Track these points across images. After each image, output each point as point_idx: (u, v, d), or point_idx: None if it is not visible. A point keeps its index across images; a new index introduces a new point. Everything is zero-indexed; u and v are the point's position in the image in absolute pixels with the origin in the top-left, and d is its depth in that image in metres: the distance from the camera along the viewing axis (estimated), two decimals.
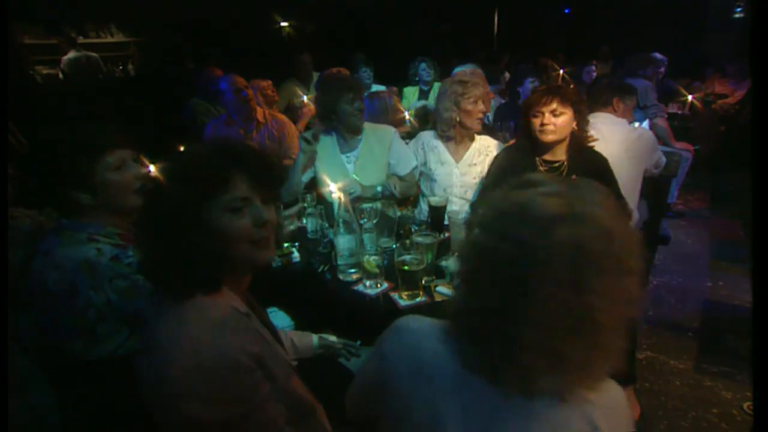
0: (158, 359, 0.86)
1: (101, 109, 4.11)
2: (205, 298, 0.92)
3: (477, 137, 2.43)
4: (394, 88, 4.37)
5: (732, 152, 4.34)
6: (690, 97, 4.38)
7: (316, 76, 4.35)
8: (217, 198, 0.93)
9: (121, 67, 6.55)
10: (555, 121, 2.01)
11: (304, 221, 2.16)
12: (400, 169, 2.45)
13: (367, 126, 2.47)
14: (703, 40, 6.80)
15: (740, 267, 3.47)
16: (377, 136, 2.47)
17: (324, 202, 2.27)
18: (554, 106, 2.00)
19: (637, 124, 3.04)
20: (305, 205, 2.21)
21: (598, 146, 2.53)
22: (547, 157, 2.13)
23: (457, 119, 2.31)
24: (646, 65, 4.26)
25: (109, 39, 6.70)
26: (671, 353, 2.64)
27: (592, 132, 2.54)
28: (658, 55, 4.77)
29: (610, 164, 2.36)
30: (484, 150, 2.41)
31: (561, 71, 4.89)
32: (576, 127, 2.08)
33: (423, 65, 4.45)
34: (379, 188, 2.36)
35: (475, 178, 2.38)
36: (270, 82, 3.77)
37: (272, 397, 0.95)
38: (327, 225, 2.11)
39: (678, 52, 5.00)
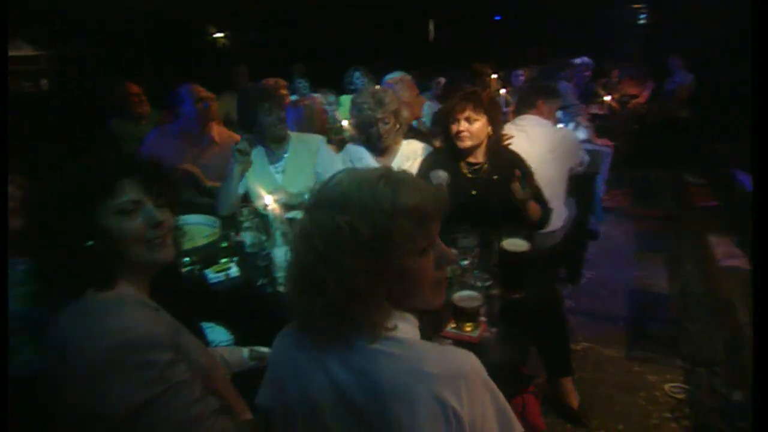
0: (68, 351, 0.93)
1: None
2: (105, 291, 1.00)
3: (403, 142, 2.45)
4: (316, 96, 4.32)
5: (647, 149, 4.68)
6: (608, 98, 4.66)
7: None
8: (105, 202, 1.01)
9: (31, 83, 5.99)
10: (470, 128, 2.09)
11: (242, 235, 2.11)
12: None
13: (294, 135, 2.45)
14: (614, 45, 7.41)
15: (660, 256, 3.69)
16: (304, 145, 2.45)
17: (261, 215, 2.22)
18: (468, 113, 2.08)
19: (561, 125, 3.20)
20: (242, 218, 2.16)
21: (525, 146, 2.62)
22: (469, 159, 2.20)
23: (376, 132, 2.33)
24: (565, 68, 4.49)
25: (17, 52, 6.14)
26: (604, 342, 2.76)
27: (518, 133, 2.68)
28: (579, 60, 5.06)
29: (537, 163, 2.46)
30: (412, 154, 2.43)
31: (494, 76, 5.05)
32: (491, 131, 2.16)
33: (357, 74, 4.45)
34: (306, 196, 2.33)
35: None
36: (213, 95, 3.60)
37: (195, 384, 1.00)
38: (265, 238, 2.07)
39: (594, 56, 5.33)
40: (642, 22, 7.54)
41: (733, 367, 2.23)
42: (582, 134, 3.84)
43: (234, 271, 1.98)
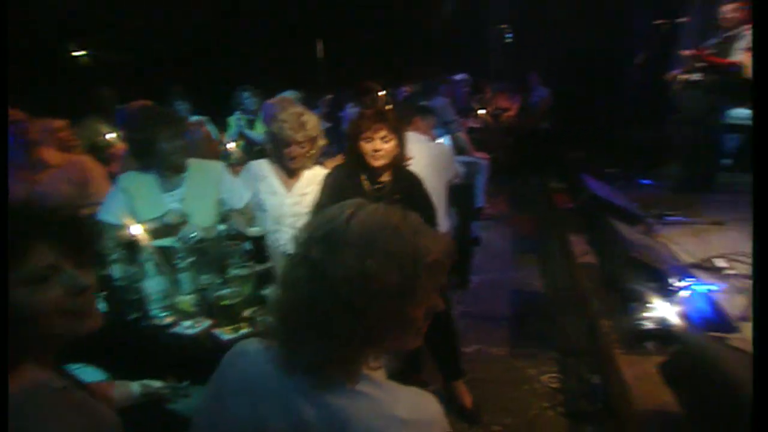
0: None
1: None
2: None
3: (311, 166, 2.43)
4: (202, 120, 4.15)
5: (520, 159, 5.15)
6: (482, 112, 5.03)
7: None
8: (12, 272, 0.82)
9: None
10: (385, 147, 2.12)
11: (110, 268, 1.93)
12: (236, 202, 2.32)
13: (193, 162, 2.30)
14: (490, 60, 8.05)
15: (535, 257, 4.03)
16: (204, 171, 2.31)
17: (128, 246, 2.05)
18: (384, 132, 2.12)
19: (438, 140, 3.40)
20: (108, 251, 1.97)
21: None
22: (374, 178, 2.23)
23: (290, 153, 2.28)
24: (443, 84, 4.79)
25: None
26: (492, 342, 2.93)
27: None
28: (458, 76, 5.43)
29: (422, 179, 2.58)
30: (314, 179, 2.40)
31: (383, 93, 5.21)
32: (397, 150, 2.21)
33: (246, 94, 4.33)
34: (221, 227, 2.22)
35: (307, 208, 2.36)
36: (65, 122, 3.23)
37: None
38: (135, 269, 1.92)
39: (468, 71, 5.77)
40: (508, 41, 8.25)
41: (592, 353, 2.50)
42: (461, 146, 4.12)
43: (102, 306, 1.81)
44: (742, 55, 3.71)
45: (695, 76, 4.03)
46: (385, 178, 2.25)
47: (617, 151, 5.17)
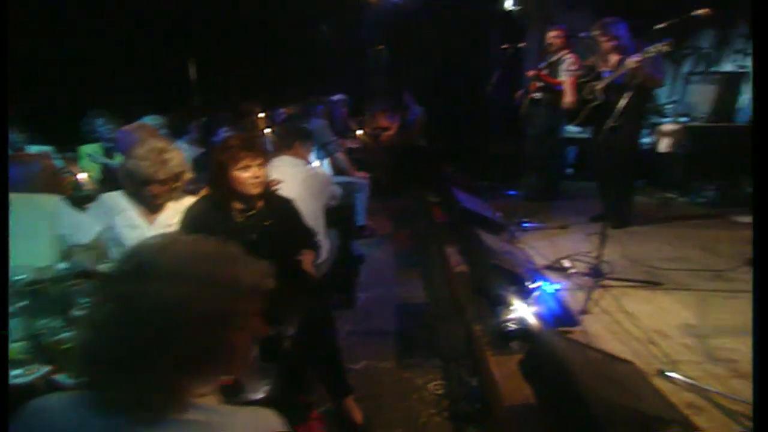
0: None
1: None
2: None
3: (177, 197, 2.30)
4: (46, 152, 3.72)
5: (401, 176, 5.39)
6: (360, 132, 5.19)
7: None
8: None
9: None
10: (262, 173, 2.12)
11: None
12: (81, 237, 2.10)
13: (16, 198, 2.04)
14: (366, 81, 8.34)
15: (418, 271, 4.20)
16: (33, 207, 2.07)
17: None
18: (261, 159, 2.12)
19: (316, 163, 3.44)
20: None
21: (283, 187, 2.75)
22: (244, 206, 2.18)
23: (150, 192, 2.15)
24: (320, 105, 4.86)
25: None
26: (380, 357, 2.99)
27: (275, 174, 2.78)
28: (335, 97, 5.55)
29: (295, 203, 2.58)
30: (178, 211, 2.26)
31: (261, 115, 5.12)
32: (268, 175, 2.22)
33: (100, 120, 3.97)
34: (62, 265, 1.98)
35: None
36: None
37: None
38: None
39: (349, 91, 5.92)
40: (385, 62, 8.62)
41: (470, 357, 2.69)
42: (340, 167, 4.20)
43: None
44: (563, 77, 4.33)
45: (537, 95, 4.60)
46: (256, 205, 2.22)
47: (483, 164, 5.68)
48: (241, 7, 7.73)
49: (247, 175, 2.10)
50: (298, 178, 2.85)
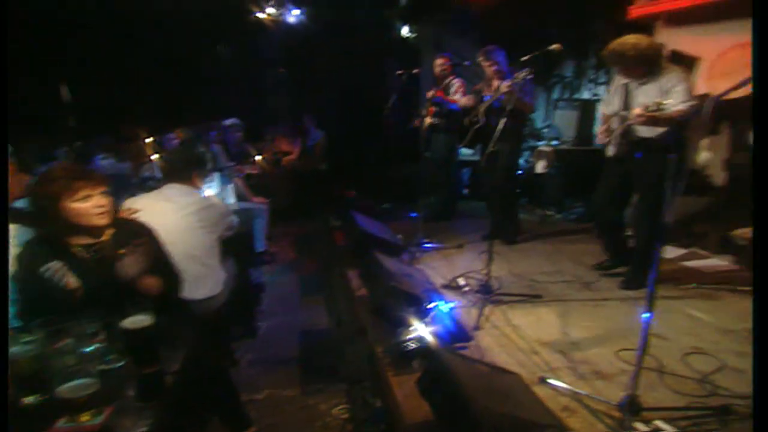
0: None
1: None
2: None
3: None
4: None
5: (303, 201, 5.36)
6: (258, 157, 5.08)
7: None
8: None
9: None
10: (106, 201, 1.95)
11: None
12: None
13: None
14: (264, 102, 8.21)
15: (320, 297, 4.19)
16: None
17: None
18: (102, 187, 1.94)
19: (209, 192, 3.28)
20: None
21: (174, 217, 2.60)
22: (86, 240, 1.98)
23: None
24: (214, 131, 4.69)
25: None
26: (284, 385, 2.92)
27: (164, 203, 2.63)
28: (228, 121, 5.35)
29: (188, 233, 2.44)
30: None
31: (149, 140, 4.77)
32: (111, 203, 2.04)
33: None
34: None
35: None
36: None
37: None
38: None
39: (247, 115, 5.76)
40: (284, 85, 8.52)
41: (373, 379, 2.74)
42: (238, 193, 4.07)
43: None
44: (457, 96, 4.71)
45: (435, 121, 4.89)
46: (98, 236, 2.03)
47: (384, 187, 5.85)
48: (129, 21, 7.22)
49: (88, 206, 1.91)
50: (189, 208, 2.72)
